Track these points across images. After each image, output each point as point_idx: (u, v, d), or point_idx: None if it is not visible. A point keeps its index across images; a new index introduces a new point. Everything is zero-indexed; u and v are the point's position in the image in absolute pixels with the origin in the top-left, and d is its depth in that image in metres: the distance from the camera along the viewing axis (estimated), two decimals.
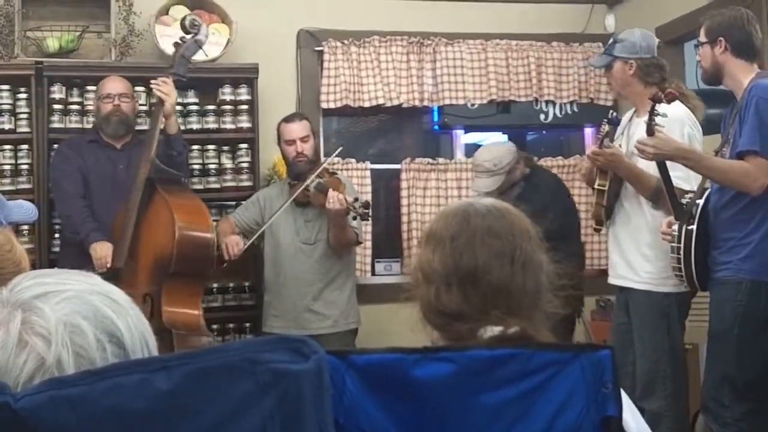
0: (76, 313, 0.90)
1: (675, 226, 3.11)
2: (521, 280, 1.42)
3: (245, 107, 4.51)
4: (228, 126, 4.51)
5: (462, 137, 5.20)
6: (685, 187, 3.22)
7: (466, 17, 5.04)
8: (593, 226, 3.69)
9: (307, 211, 3.99)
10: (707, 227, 3.10)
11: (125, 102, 3.99)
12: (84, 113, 4.30)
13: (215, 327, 4.21)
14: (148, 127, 3.96)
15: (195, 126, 4.46)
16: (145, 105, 4.38)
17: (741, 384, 3.00)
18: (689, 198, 3.15)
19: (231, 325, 4.35)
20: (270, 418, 0.83)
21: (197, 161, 4.45)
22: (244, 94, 4.51)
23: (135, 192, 3.60)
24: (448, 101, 4.95)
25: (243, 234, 4.08)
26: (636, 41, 3.44)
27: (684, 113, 3.30)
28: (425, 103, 4.96)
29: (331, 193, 3.72)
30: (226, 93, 4.52)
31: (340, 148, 4.11)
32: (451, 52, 4.96)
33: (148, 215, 3.63)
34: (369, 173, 4.86)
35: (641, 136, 3.09)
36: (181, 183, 3.90)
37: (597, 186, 3.46)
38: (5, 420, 0.78)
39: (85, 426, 0.80)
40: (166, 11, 4.50)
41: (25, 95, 4.26)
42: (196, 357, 0.83)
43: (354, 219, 3.90)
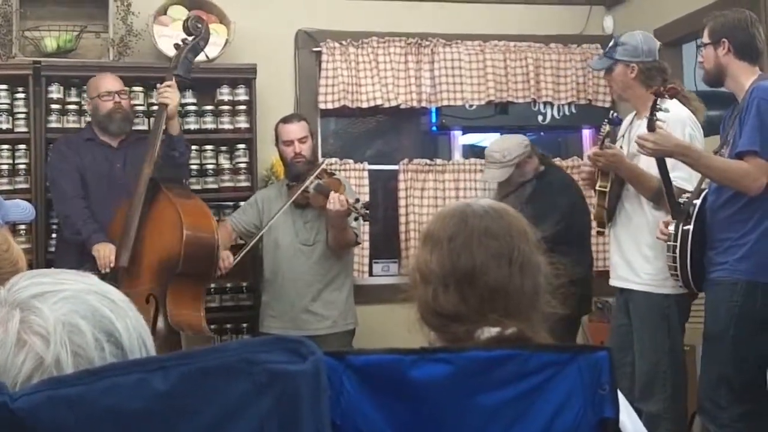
0: (74, 313, 0.90)
1: (671, 226, 3.11)
2: (519, 281, 1.41)
3: (243, 108, 4.51)
4: (226, 126, 4.51)
5: (460, 138, 5.20)
6: (688, 188, 3.21)
7: (464, 18, 5.04)
8: (596, 228, 3.69)
9: (306, 213, 3.98)
10: (704, 227, 3.10)
11: (124, 99, 3.99)
12: (82, 113, 4.28)
13: (213, 327, 4.20)
14: (149, 128, 3.94)
15: (193, 126, 4.45)
16: (143, 105, 4.38)
17: (738, 385, 2.99)
18: (686, 198, 3.15)
19: (228, 326, 4.35)
20: (267, 418, 0.83)
21: (195, 161, 4.43)
22: (242, 94, 4.51)
23: (138, 192, 3.59)
24: (446, 102, 4.95)
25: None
26: (638, 44, 3.42)
27: (686, 114, 3.30)
28: (423, 104, 4.96)
29: (333, 195, 3.71)
30: (224, 93, 4.52)
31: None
32: (449, 53, 4.96)
33: (152, 215, 3.63)
34: (367, 174, 4.85)
35: (642, 132, 3.10)
36: (183, 184, 3.89)
37: (598, 188, 3.46)
38: (3, 420, 0.78)
39: (83, 426, 0.80)
40: (164, 11, 4.50)
41: (23, 95, 4.25)
42: (193, 357, 0.84)
43: (355, 220, 3.90)
